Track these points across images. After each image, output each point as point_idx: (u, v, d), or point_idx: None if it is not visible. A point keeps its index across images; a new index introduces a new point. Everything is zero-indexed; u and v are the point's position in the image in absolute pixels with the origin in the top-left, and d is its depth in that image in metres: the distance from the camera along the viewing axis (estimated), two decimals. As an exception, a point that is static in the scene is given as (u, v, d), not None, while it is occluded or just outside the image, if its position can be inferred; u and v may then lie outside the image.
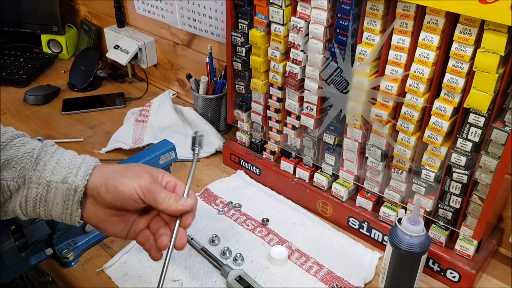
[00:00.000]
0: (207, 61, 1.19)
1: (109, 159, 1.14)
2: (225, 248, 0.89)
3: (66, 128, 1.28)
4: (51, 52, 1.63)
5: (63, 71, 1.56)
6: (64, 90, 1.45)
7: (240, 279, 0.83)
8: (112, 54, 1.39)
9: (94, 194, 0.62)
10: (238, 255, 0.88)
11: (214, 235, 0.92)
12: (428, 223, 0.87)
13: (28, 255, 0.84)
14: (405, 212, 0.79)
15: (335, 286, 0.83)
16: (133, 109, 1.28)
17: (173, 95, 1.40)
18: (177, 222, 0.63)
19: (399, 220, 0.74)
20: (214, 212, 0.99)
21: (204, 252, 0.89)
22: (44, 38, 1.61)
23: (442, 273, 0.85)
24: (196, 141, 0.69)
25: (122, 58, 1.36)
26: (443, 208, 0.83)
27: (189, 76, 1.20)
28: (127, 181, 0.61)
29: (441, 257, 0.84)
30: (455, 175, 0.78)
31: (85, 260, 0.89)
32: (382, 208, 0.90)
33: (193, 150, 0.68)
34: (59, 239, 0.88)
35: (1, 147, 0.60)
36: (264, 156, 1.07)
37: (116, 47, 1.38)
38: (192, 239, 0.91)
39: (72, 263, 0.88)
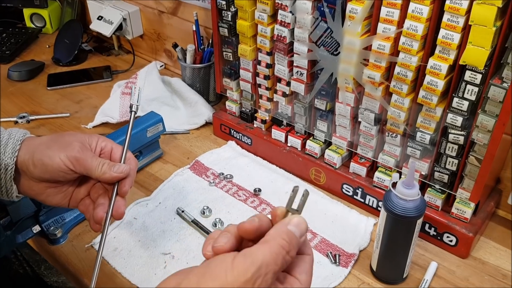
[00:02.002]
0: (194, 29, 1.14)
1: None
2: (217, 220, 0.87)
3: (52, 104, 1.24)
4: (34, 26, 1.58)
5: (47, 46, 1.51)
6: (49, 65, 1.41)
7: (232, 250, 0.81)
8: (95, 26, 1.34)
9: (24, 169, 0.59)
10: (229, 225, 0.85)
11: (205, 207, 0.90)
12: (424, 187, 0.85)
13: (15, 233, 0.82)
14: (400, 177, 0.76)
15: (329, 254, 0.82)
16: (119, 82, 1.24)
17: (160, 66, 1.36)
18: (114, 190, 0.61)
19: (394, 184, 0.71)
20: (205, 184, 0.97)
21: (195, 224, 0.87)
22: (27, 12, 1.55)
23: (439, 237, 0.83)
24: (133, 97, 0.65)
25: (106, 30, 1.31)
26: (439, 171, 0.81)
27: (175, 45, 1.15)
28: (53, 153, 0.58)
29: (438, 221, 0.82)
30: (451, 136, 0.76)
31: (74, 237, 0.87)
32: (376, 174, 0.87)
33: (130, 107, 0.64)
34: (46, 216, 0.85)
35: None
36: (255, 126, 1.04)
37: (100, 18, 1.33)
38: (182, 211, 0.89)
39: (61, 240, 0.86)
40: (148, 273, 0.79)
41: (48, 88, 1.30)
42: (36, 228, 0.85)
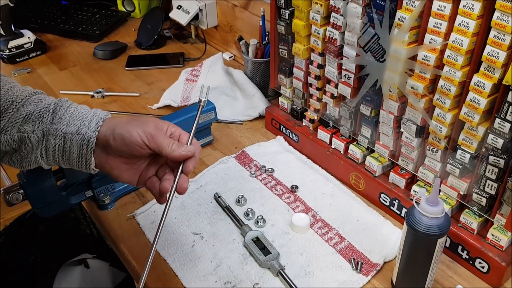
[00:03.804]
0: (260, 24, 1.18)
1: (157, 114, 1.19)
2: (249, 210, 0.90)
3: (126, 83, 1.35)
4: (125, 10, 1.71)
5: (133, 29, 1.63)
6: (131, 47, 1.53)
7: (256, 240, 0.84)
8: (174, 14, 1.42)
9: (104, 143, 0.66)
10: (260, 217, 0.88)
11: (240, 196, 0.93)
12: (462, 208, 0.82)
13: (69, 195, 0.92)
14: (426, 192, 0.74)
15: (352, 260, 0.82)
16: (187, 69, 1.31)
17: (230, 57, 1.41)
18: (180, 168, 0.67)
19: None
20: (247, 174, 1.00)
21: (228, 210, 0.91)
22: (119, -4, 1.69)
23: (471, 262, 0.80)
24: (202, 93, 0.72)
25: (183, 18, 1.39)
26: (477, 193, 0.77)
27: (240, 39, 1.20)
28: (132, 129, 0.65)
29: (471, 245, 0.79)
30: (491, 158, 0.72)
31: (120, 205, 0.95)
32: (414, 187, 0.85)
33: (198, 102, 0.72)
34: (99, 183, 0.94)
35: (20, 103, 0.66)
36: (303, 124, 1.05)
37: (179, 7, 1.42)
38: (219, 197, 0.94)
39: (108, 206, 0.95)
40: (177, 248, 0.85)
41: (126, 68, 1.41)
42: (89, 193, 0.94)
